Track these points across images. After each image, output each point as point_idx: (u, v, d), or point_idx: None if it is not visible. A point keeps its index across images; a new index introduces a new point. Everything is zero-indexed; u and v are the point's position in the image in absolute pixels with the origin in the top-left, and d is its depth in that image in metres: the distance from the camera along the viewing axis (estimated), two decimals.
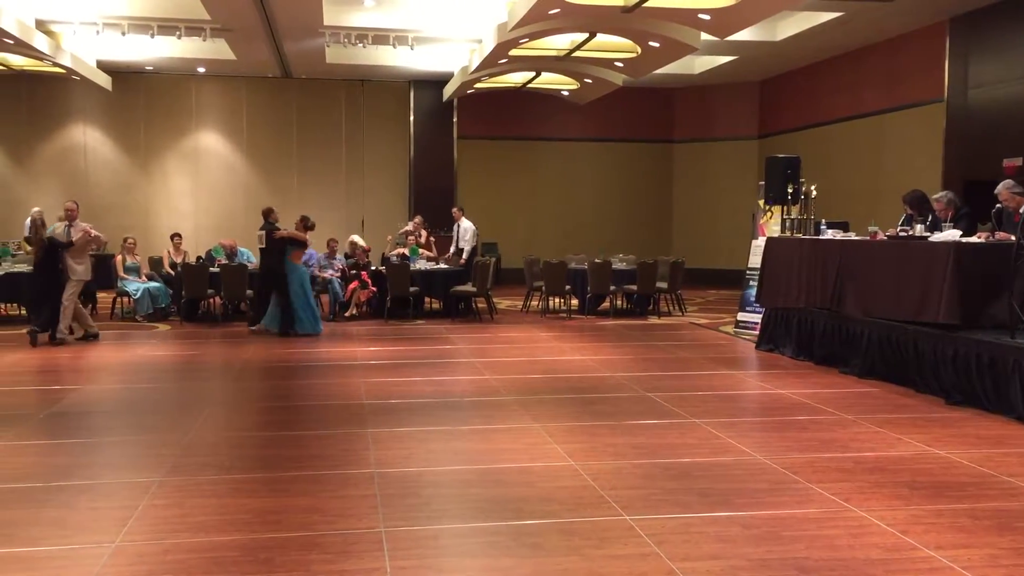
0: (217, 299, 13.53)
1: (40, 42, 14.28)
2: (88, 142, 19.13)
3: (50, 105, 18.81)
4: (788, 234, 11.19)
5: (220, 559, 4.12)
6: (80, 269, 11.22)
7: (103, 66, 17.63)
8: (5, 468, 5.52)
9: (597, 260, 14.13)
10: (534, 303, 15.09)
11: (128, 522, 4.60)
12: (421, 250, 15.19)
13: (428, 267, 14.36)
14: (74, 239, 11.06)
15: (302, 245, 12.24)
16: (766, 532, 4.47)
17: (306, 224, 12.34)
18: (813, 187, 11.20)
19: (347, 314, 13.74)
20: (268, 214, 12.33)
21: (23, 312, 13.27)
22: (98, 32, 14.20)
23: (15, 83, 18.15)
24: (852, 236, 10.00)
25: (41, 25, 14.40)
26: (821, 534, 4.44)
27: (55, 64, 15.70)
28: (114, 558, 4.14)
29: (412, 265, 14.04)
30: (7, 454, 5.86)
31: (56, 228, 11.16)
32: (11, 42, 13.71)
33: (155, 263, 14.61)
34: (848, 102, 16.77)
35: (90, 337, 11.36)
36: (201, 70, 18.72)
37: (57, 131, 19.02)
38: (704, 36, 13.43)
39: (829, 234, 10.22)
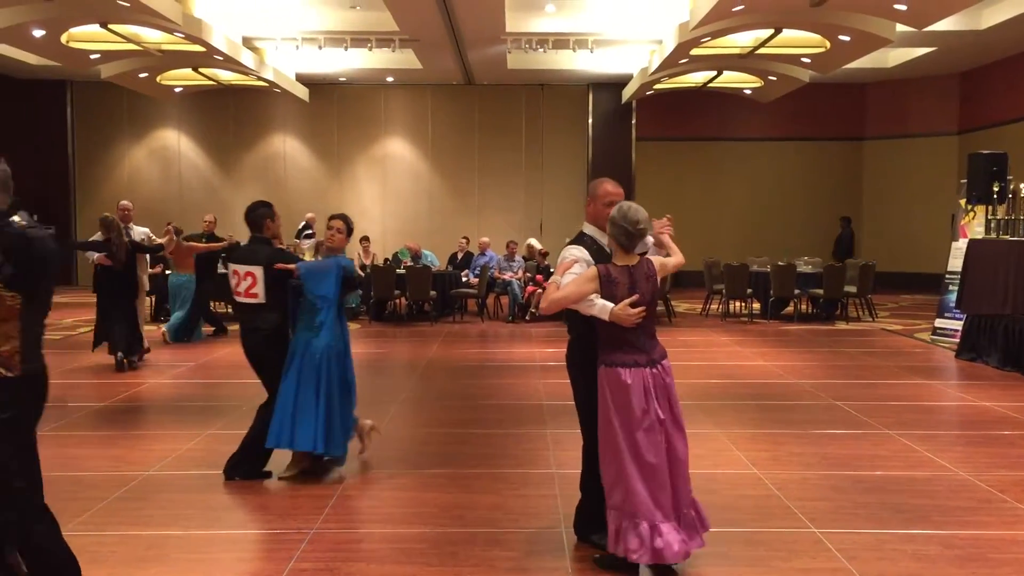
0: (403, 299, 14.06)
1: (246, 58, 15.31)
2: (287, 150, 20.33)
3: (253, 116, 20.13)
4: (993, 236, 10.46)
5: (408, 550, 4.28)
6: (145, 279, 10.28)
7: (301, 78, 18.70)
8: (215, 456, 5.95)
9: (780, 263, 13.68)
10: (714, 307, 14.79)
11: (324, 511, 4.87)
12: None
13: None
14: (156, 242, 10.31)
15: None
16: (970, 553, 4.19)
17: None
18: (1022, 185, 10.41)
19: (527, 316, 13.93)
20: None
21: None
22: (297, 47, 15.11)
23: (223, 97, 19.53)
24: None
25: (247, 42, 15.46)
26: None
27: (259, 78, 16.80)
28: (312, 544, 4.39)
29: None
30: (216, 443, 6.32)
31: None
32: (220, 59, 14.79)
33: None
34: None
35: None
36: (390, 79, 19.51)
37: (259, 140, 20.32)
38: (899, 27, 12.74)
39: None
